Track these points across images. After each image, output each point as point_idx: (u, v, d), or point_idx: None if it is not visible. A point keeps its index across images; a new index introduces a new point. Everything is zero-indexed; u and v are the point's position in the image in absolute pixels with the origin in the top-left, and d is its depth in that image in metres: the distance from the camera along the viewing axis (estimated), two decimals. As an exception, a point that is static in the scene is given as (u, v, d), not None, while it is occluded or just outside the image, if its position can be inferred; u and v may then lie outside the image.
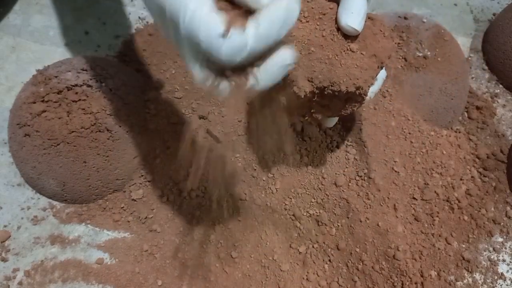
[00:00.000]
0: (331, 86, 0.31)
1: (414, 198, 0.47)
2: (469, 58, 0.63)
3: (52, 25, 0.62)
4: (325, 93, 0.32)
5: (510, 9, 0.61)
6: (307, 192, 0.47)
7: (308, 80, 0.31)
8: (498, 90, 0.60)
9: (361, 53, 0.31)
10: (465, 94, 0.55)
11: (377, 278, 0.44)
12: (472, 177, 0.51)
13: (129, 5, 0.64)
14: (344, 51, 0.31)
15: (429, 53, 0.51)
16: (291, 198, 0.47)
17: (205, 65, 0.26)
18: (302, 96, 0.32)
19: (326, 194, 0.46)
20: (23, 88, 0.49)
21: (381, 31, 0.32)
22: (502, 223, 0.49)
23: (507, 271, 0.47)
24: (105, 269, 0.45)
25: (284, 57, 0.26)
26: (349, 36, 0.31)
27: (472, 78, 0.61)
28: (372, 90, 0.35)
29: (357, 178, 0.47)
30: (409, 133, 0.49)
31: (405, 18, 0.54)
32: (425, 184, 0.48)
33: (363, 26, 0.30)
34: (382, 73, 0.35)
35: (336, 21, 0.30)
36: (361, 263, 0.45)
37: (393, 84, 0.51)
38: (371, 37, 0.31)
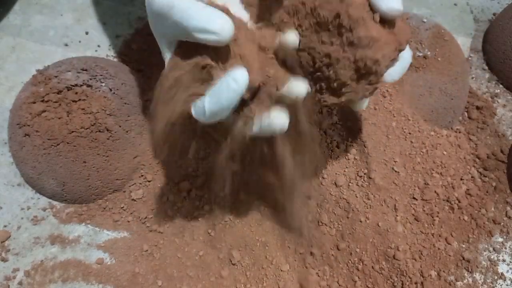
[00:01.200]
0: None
1: (414, 198, 0.47)
2: (469, 58, 0.63)
3: (52, 25, 0.62)
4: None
5: (510, 9, 0.61)
6: (307, 192, 0.47)
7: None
8: (498, 90, 0.60)
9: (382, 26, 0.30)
10: (465, 94, 0.55)
11: (377, 278, 0.44)
12: (472, 177, 0.51)
13: (129, 5, 0.64)
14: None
15: (429, 53, 0.51)
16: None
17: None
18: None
19: (326, 194, 0.46)
20: (23, 88, 0.49)
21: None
22: (502, 223, 0.49)
23: (507, 271, 0.47)
24: (105, 269, 0.45)
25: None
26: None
27: (472, 78, 0.61)
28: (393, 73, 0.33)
29: (357, 178, 0.47)
30: (409, 133, 0.49)
31: (405, 18, 0.54)
32: (425, 184, 0.48)
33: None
34: (407, 57, 0.33)
35: (372, 8, 0.29)
36: (361, 263, 0.45)
37: (393, 84, 0.51)
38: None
